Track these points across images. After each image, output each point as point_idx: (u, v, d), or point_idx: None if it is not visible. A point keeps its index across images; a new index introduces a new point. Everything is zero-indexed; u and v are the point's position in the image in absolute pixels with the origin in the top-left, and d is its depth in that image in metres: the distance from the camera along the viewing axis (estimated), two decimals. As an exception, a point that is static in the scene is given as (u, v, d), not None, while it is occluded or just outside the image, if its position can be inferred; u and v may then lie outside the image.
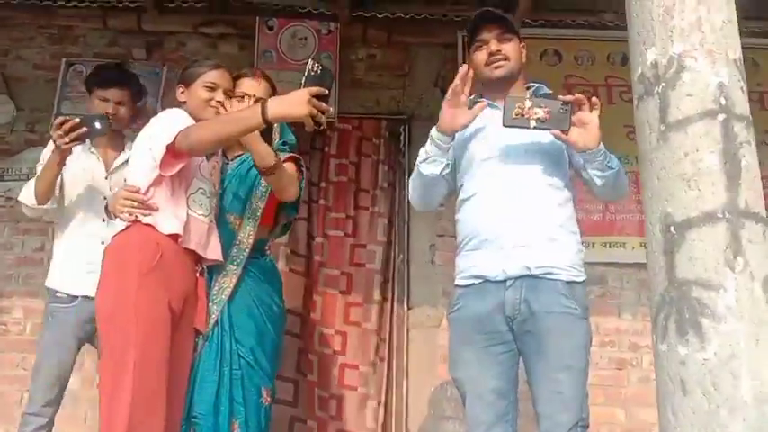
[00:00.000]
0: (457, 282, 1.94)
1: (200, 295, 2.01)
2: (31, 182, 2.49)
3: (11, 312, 3.52)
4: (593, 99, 1.82)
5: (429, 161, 1.92)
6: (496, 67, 1.94)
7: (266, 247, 2.24)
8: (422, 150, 1.97)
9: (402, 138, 3.72)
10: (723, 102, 1.36)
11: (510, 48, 1.96)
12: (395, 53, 3.86)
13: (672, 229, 1.34)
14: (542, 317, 1.76)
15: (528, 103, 1.78)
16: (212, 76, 2.12)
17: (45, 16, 3.86)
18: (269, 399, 2.08)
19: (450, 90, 1.87)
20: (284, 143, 2.21)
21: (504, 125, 1.80)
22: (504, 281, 1.80)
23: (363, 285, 3.49)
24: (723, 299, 1.26)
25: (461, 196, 1.98)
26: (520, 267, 1.79)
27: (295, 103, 1.72)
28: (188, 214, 1.96)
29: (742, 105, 1.38)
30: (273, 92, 2.18)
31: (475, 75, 1.93)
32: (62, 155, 2.28)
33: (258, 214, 2.09)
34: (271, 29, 3.74)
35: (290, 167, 2.09)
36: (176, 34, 3.87)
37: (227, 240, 2.07)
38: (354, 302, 3.46)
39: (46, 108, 3.73)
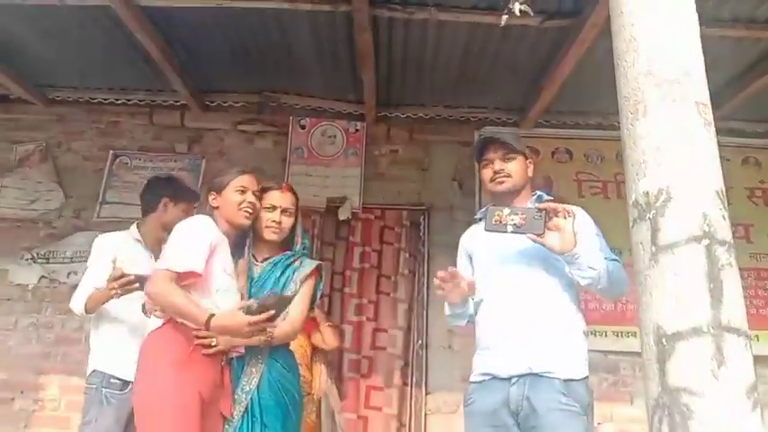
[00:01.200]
0: (471, 378, 2.09)
1: (226, 383, 2.15)
2: (82, 293, 2.65)
3: (47, 389, 3.68)
4: (568, 208, 1.99)
5: (454, 317, 2.19)
6: (499, 183, 2.14)
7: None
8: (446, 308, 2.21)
9: (422, 227, 3.95)
10: (706, 228, 1.56)
11: (513, 166, 2.16)
12: (416, 149, 4.15)
13: (663, 340, 1.52)
14: (543, 413, 1.87)
15: (506, 211, 1.96)
16: (243, 180, 2.30)
17: (96, 112, 4.24)
18: None
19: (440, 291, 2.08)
20: (304, 247, 2.46)
21: (485, 230, 2.01)
22: (509, 378, 1.94)
23: (384, 369, 3.63)
24: (709, 405, 1.42)
25: (476, 299, 2.13)
26: (522, 367, 1.93)
27: (234, 330, 2.00)
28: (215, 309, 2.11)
29: (724, 231, 1.58)
30: (296, 202, 2.42)
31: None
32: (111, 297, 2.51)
33: (282, 316, 2.28)
34: (303, 127, 4.07)
35: (297, 310, 2.30)
36: (216, 130, 4.21)
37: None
38: (375, 386, 3.60)
39: (92, 196, 4.06)
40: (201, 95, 4.11)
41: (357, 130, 4.07)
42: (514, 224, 1.94)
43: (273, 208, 2.34)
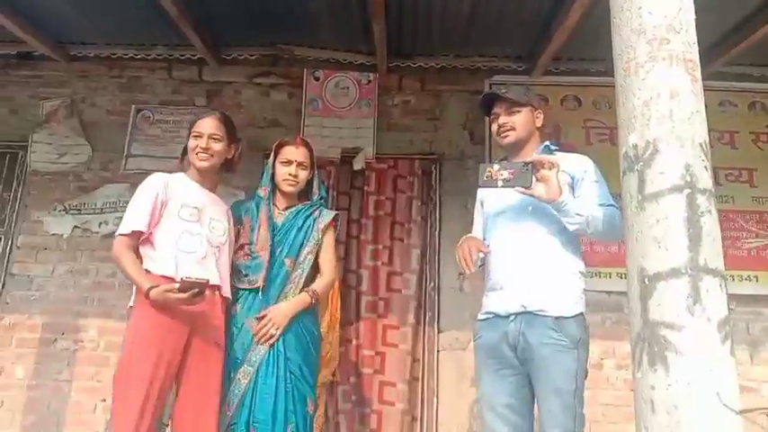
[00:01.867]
0: (479, 317, 2.34)
1: (218, 315, 2.36)
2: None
3: (87, 331, 3.96)
4: (551, 159, 2.15)
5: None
6: (504, 137, 2.32)
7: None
8: None
9: (433, 176, 4.10)
10: (689, 179, 1.70)
11: (518, 118, 2.31)
12: (427, 99, 4.25)
13: (646, 280, 1.69)
14: (536, 347, 2.11)
15: (496, 167, 2.12)
16: (198, 126, 2.48)
17: (117, 68, 4.38)
18: (312, 407, 2.46)
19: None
20: (321, 198, 2.68)
21: (478, 186, 2.20)
22: (508, 316, 2.18)
23: (399, 310, 3.85)
24: (684, 338, 1.60)
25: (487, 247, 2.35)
26: (518, 306, 2.16)
27: (171, 301, 2.17)
28: (176, 256, 2.31)
29: (705, 181, 1.72)
30: (311, 155, 2.60)
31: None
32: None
33: (306, 262, 2.50)
34: (317, 79, 4.18)
35: (327, 263, 2.56)
36: (233, 84, 4.34)
37: (283, 279, 2.47)
38: (391, 325, 3.83)
39: (118, 149, 4.24)
40: (218, 49, 4.21)
41: (369, 82, 4.17)
42: (504, 179, 2.08)
43: (289, 162, 2.53)
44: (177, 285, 2.18)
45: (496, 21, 3.59)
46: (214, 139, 2.47)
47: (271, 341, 2.36)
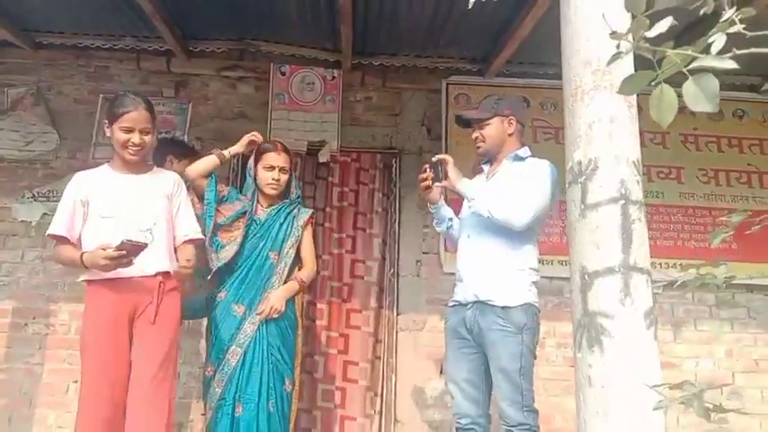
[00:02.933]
0: (448, 303, 2.72)
1: (153, 296, 2.39)
2: None
3: (58, 315, 4.08)
4: (444, 157, 2.60)
5: (438, 223, 2.84)
6: (477, 148, 2.68)
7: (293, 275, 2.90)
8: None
9: (394, 169, 4.36)
10: (623, 192, 2.02)
11: (487, 131, 2.63)
12: (388, 96, 4.49)
13: (586, 276, 2.02)
14: (486, 332, 2.46)
15: (427, 170, 2.59)
16: (127, 120, 2.41)
17: (84, 57, 4.44)
18: (290, 386, 2.74)
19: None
20: (298, 197, 3.00)
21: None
22: (466, 304, 2.54)
23: (362, 295, 4.13)
24: (616, 325, 1.93)
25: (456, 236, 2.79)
26: (472, 296, 2.53)
27: (99, 263, 2.26)
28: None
29: (637, 194, 2.05)
30: (290, 159, 2.86)
31: None
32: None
33: (289, 255, 2.77)
34: (283, 74, 4.37)
35: (307, 254, 2.89)
36: (201, 76, 4.46)
37: (269, 271, 2.73)
38: (354, 309, 4.11)
39: (86, 137, 4.32)
40: (186, 42, 4.31)
41: (334, 78, 4.38)
42: (432, 178, 2.56)
43: (272, 168, 2.78)
44: (111, 249, 2.24)
45: (456, 27, 3.85)
46: (145, 132, 2.47)
47: (278, 315, 2.67)
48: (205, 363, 2.80)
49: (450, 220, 2.79)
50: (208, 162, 2.85)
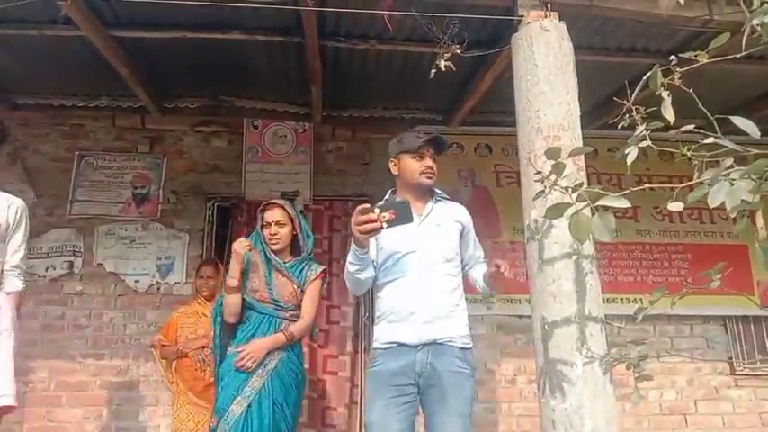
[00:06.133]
0: (378, 345, 2.39)
1: None
2: None
3: (37, 372, 4.11)
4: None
5: (361, 270, 2.33)
6: (429, 178, 2.46)
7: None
8: (350, 264, 2.35)
9: (365, 215, 4.51)
10: (576, 247, 2.21)
11: (435, 167, 2.49)
12: (358, 146, 4.69)
13: (546, 326, 2.19)
14: (444, 375, 2.26)
15: (377, 211, 2.12)
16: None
17: (61, 116, 4.55)
18: None
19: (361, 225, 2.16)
20: (309, 252, 2.98)
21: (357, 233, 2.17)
22: (417, 346, 2.29)
23: (338, 340, 4.25)
24: (575, 372, 2.10)
25: (383, 279, 2.42)
26: (429, 336, 2.28)
27: None
28: None
29: (588, 248, 2.24)
30: (287, 212, 2.94)
31: (401, 176, 2.52)
32: None
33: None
34: (256, 128, 4.54)
35: (308, 305, 2.88)
36: (175, 131, 4.60)
37: (276, 325, 2.80)
38: (331, 354, 4.22)
39: (62, 195, 4.41)
40: (160, 99, 4.46)
41: (305, 130, 4.57)
42: (387, 220, 2.12)
43: (268, 224, 2.90)
44: None
45: (419, 85, 4.07)
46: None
47: (247, 368, 2.70)
48: (212, 414, 2.82)
49: (373, 262, 2.41)
50: (230, 304, 2.84)
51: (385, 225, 2.11)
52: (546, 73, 2.46)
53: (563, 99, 2.42)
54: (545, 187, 1.42)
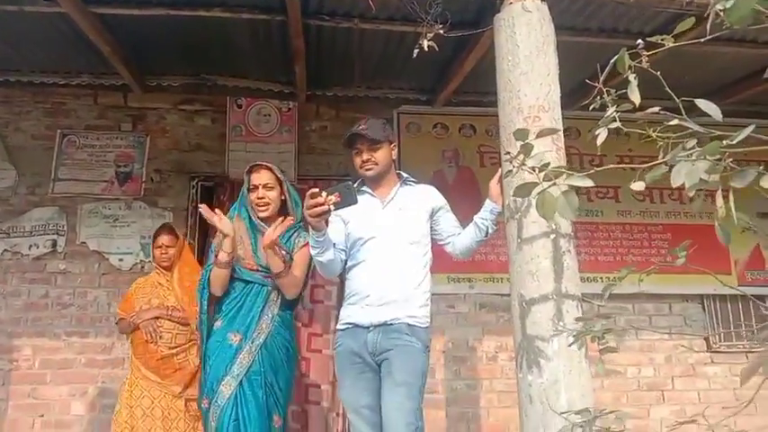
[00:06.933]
0: (339, 327, 2.53)
1: None
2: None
3: (21, 350, 4.13)
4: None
5: (321, 253, 2.39)
6: (368, 170, 2.55)
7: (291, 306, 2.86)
8: (311, 248, 2.42)
9: (350, 195, 4.53)
10: (554, 226, 2.25)
11: (379, 154, 2.54)
12: (342, 125, 4.63)
13: (524, 304, 2.24)
14: (391, 348, 2.36)
15: (324, 195, 2.20)
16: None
17: (42, 94, 4.51)
18: (279, 422, 2.68)
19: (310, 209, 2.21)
20: (299, 221, 2.77)
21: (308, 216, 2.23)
22: (368, 327, 2.40)
23: (322, 319, 4.29)
24: (551, 347, 2.15)
25: (350, 263, 2.55)
26: (380, 319, 2.40)
27: None
28: None
29: (566, 228, 2.28)
30: (275, 175, 2.79)
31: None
32: None
33: None
34: (240, 107, 4.52)
35: (297, 269, 2.73)
36: (158, 109, 4.57)
37: (265, 297, 2.71)
38: (315, 333, 4.26)
39: (45, 173, 4.39)
40: (143, 77, 4.43)
41: (289, 109, 4.56)
42: (334, 203, 2.21)
43: (255, 187, 2.73)
44: None
45: (402, 64, 4.08)
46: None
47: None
48: (200, 394, 2.74)
49: (335, 245, 2.46)
50: (220, 276, 2.71)
51: (332, 207, 2.21)
52: (527, 53, 2.47)
53: (543, 80, 2.44)
54: (512, 167, 1.45)
